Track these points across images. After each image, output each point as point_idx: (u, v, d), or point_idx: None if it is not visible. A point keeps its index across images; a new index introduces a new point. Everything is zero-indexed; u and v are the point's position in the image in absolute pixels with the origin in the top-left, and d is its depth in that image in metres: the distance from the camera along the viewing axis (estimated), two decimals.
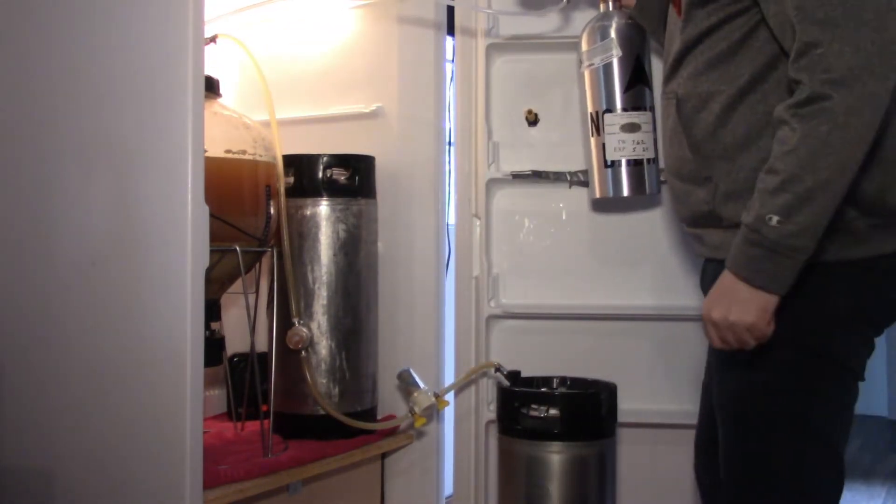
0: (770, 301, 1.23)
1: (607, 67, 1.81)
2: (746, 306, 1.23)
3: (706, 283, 1.47)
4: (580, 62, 1.88)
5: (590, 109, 1.86)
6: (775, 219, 1.18)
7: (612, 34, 1.80)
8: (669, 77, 1.43)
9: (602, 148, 1.83)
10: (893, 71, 1.15)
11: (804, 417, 1.31)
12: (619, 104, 1.81)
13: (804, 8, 1.19)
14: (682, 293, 2.16)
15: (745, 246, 1.22)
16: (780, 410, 1.31)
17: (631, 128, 1.80)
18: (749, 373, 1.33)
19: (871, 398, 4.83)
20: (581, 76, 1.89)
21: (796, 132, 1.18)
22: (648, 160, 1.82)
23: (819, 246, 1.21)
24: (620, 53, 1.79)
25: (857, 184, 1.22)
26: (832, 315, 1.28)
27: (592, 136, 1.86)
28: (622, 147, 1.81)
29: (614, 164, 1.83)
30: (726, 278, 1.26)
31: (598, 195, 1.89)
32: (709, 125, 1.35)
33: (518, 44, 2.25)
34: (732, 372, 1.35)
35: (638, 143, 1.80)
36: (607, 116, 1.81)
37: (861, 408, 4.73)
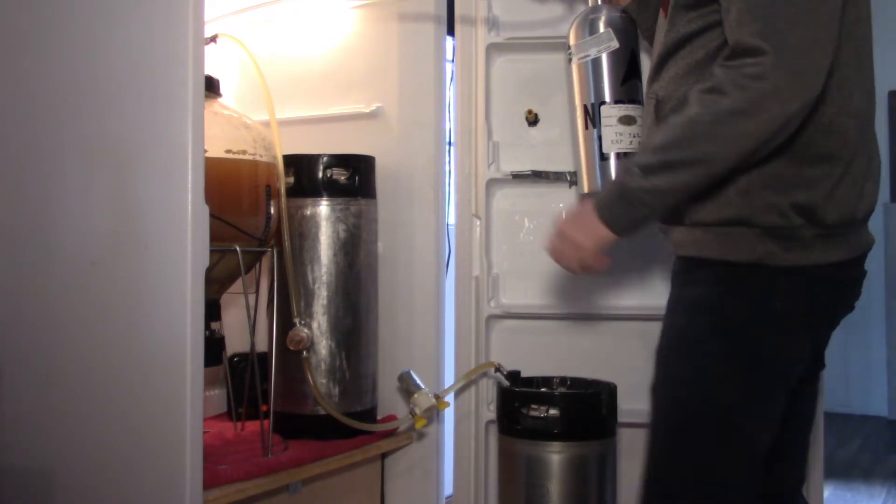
0: (607, 237, 1.34)
1: (602, 59, 1.78)
2: (590, 233, 1.35)
3: (672, 277, 1.51)
4: (569, 57, 1.86)
5: (582, 102, 1.83)
6: (637, 171, 1.28)
7: (606, 26, 1.78)
8: (653, 78, 1.45)
9: (598, 140, 1.80)
10: (797, 100, 1.20)
11: (725, 409, 1.33)
12: (615, 96, 1.79)
13: (749, 10, 1.22)
14: None
15: (610, 183, 1.31)
16: (702, 400, 1.34)
17: (627, 120, 1.79)
18: (680, 362, 1.36)
19: (871, 398, 4.83)
20: (569, 70, 1.86)
21: (691, 109, 1.24)
22: None
23: (766, 250, 1.28)
24: (617, 45, 1.78)
25: (806, 196, 1.27)
26: (767, 317, 1.30)
27: (585, 129, 1.83)
28: (619, 140, 1.79)
29: (610, 158, 1.81)
30: (588, 204, 1.36)
31: (586, 190, 1.87)
32: None
33: (518, 43, 2.25)
34: (666, 361, 1.39)
35: (634, 136, 1.78)
36: (604, 108, 1.78)
37: (861, 408, 4.73)
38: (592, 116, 1.80)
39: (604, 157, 1.81)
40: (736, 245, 1.30)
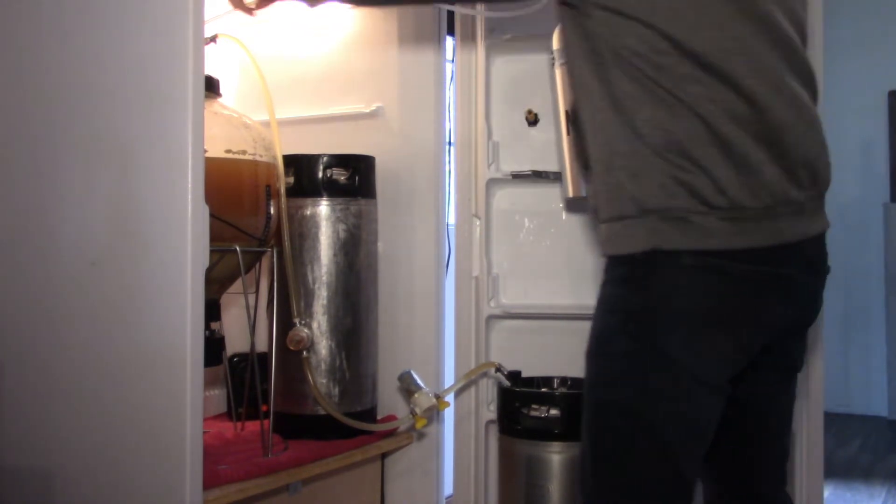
0: None
1: None
2: None
3: None
4: (552, 61, 1.85)
5: (565, 108, 1.83)
6: None
7: None
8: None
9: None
10: None
11: (635, 410, 1.30)
12: None
13: None
14: None
15: None
16: (612, 400, 1.32)
17: None
18: (596, 362, 1.35)
19: (871, 398, 4.83)
20: (553, 75, 1.86)
21: None
22: None
23: (666, 237, 1.24)
24: None
25: (692, 178, 1.23)
26: (677, 313, 1.27)
27: (568, 134, 1.83)
28: None
29: None
30: None
31: (571, 194, 1.87)
32: (585, 121, 1.36)
33: (518, 44, 2.25)
34: (586, 361, 1.38)
35: None
36: None
37: (861, 408, 4.73)
38: (575, 122, 1.79)
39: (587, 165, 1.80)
40: (634, 237, 1.27)
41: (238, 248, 1.82)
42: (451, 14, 2.24)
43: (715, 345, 1.28)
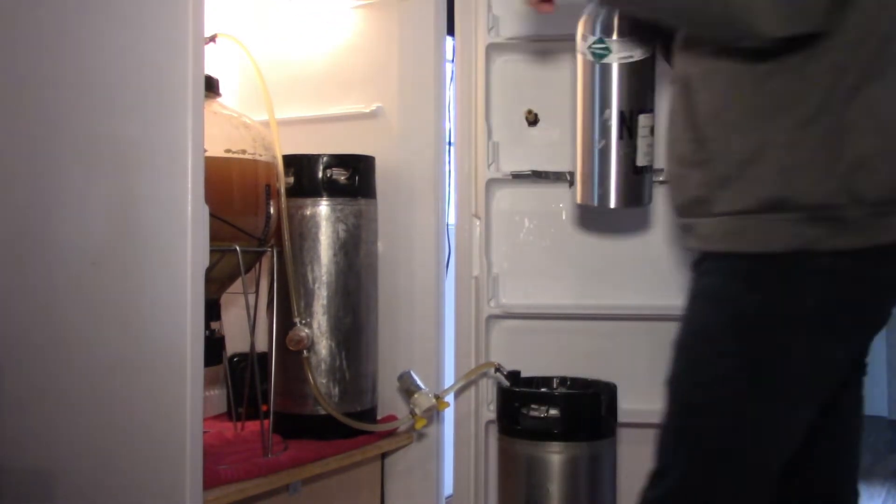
0: None
1: (645, 63, 1.56)
2: None
3: (692, 266, 1.36)
4: (602, 53, 1.66)
5: (619, 108, 1.58)
6: None
7: (646, 25, 1.52)
8: (679, 57, 1.32)
9: (632, 152, 1.59)
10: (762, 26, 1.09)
11: (736, 412, 1.23)
12: (649, 105, 1.59)
13: None
14: (682, 292, 2.15)
15: None
16: (712, 401, 1.24)
17: (652, 131, 1.59)
18: (692, 357, 1.27)
19: (871, 398, 4.81)
20: (601, 70, 1.59)
21: None
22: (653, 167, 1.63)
23: (801, 233, 1.16)
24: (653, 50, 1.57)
25: (845, 169, 1.15)
26: (798, 318, 1.18)
27: (620, 138, 1.59)
28: (649, 151, 1.60)
29: (643, 171, 1.60)
30: None
31: (613, 205, 1.64)
32: (710, 104, 1.24)
33: (518, 44, 2.25)
34: (678, 354, 1.30)
35: (651, 147, 1.61)
36: (641, 118, 1.57)
37: None
38: (630, 125, 1.59)
39: (637, 171, 1.59)
40: (775, 232, 1.16)
41: (238, 248, 1.82)
42: (451, 14, 2.23)
43: (833, 352, 1.21)
